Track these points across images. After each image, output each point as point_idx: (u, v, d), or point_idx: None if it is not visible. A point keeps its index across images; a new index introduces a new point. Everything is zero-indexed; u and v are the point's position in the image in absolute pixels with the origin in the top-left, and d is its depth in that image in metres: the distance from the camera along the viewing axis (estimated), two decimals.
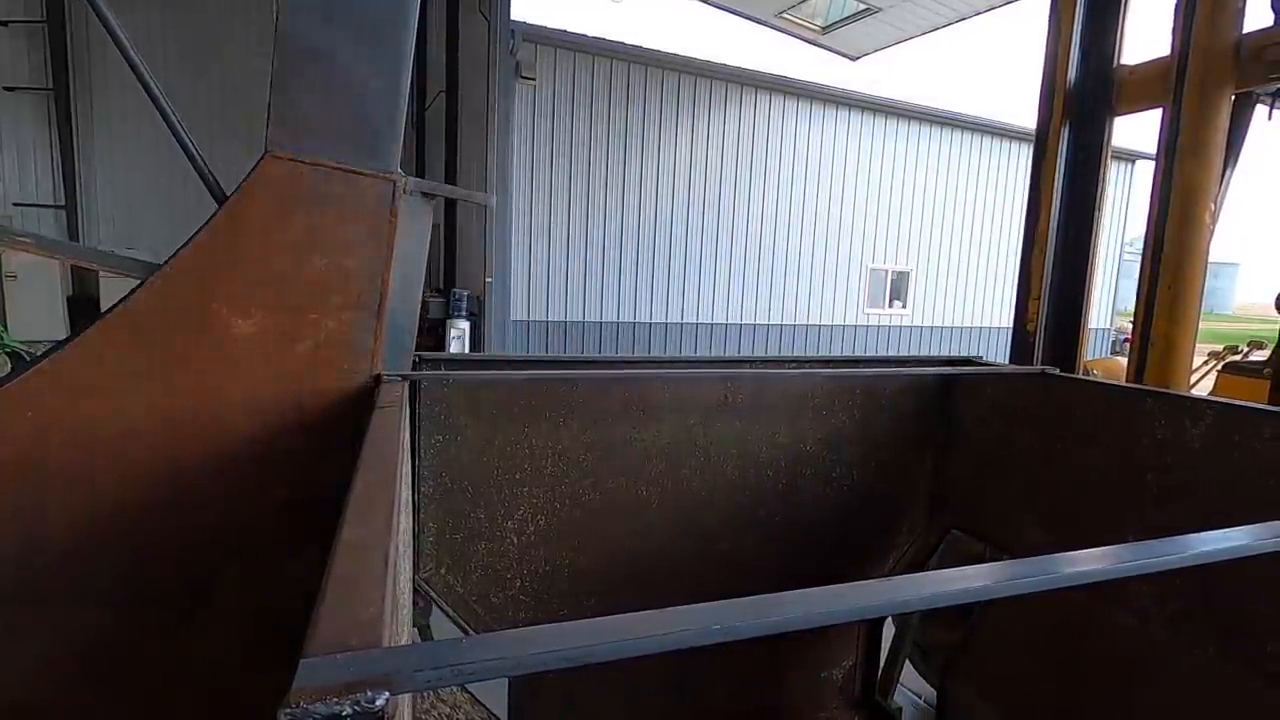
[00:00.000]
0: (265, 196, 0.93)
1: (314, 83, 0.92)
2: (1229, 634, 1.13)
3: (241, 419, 0.94)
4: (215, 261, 0.92)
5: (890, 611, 0.51)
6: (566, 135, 8.36)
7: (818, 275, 10.40)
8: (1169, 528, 1.23)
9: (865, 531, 1.75)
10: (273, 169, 0.92)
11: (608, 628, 0.37)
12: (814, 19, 8.79)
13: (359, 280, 0.97)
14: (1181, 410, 1.24)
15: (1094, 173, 1.78)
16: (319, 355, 0.97)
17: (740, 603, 0.40)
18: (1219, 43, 1.52)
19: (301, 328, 0.95)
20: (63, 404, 0.88)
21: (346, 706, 0.28)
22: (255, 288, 0.93)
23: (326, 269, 0.95)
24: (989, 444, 1.65)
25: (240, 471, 0.95)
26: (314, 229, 0.94)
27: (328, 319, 0.97)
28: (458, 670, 0.34)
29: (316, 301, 0.96)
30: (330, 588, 0.38)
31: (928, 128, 10.61)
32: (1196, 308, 1.65)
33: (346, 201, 0.95)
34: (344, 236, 0.96)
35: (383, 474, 0.60)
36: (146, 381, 0.90)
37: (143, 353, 0.90)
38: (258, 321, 0.93)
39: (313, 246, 0.95)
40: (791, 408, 1.60)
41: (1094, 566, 0.52)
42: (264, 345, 0.94)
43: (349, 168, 0.94)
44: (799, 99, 9.74)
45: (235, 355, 0.92)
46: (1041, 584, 0.49)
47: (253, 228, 0.93)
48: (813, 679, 1.80)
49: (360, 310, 0.98)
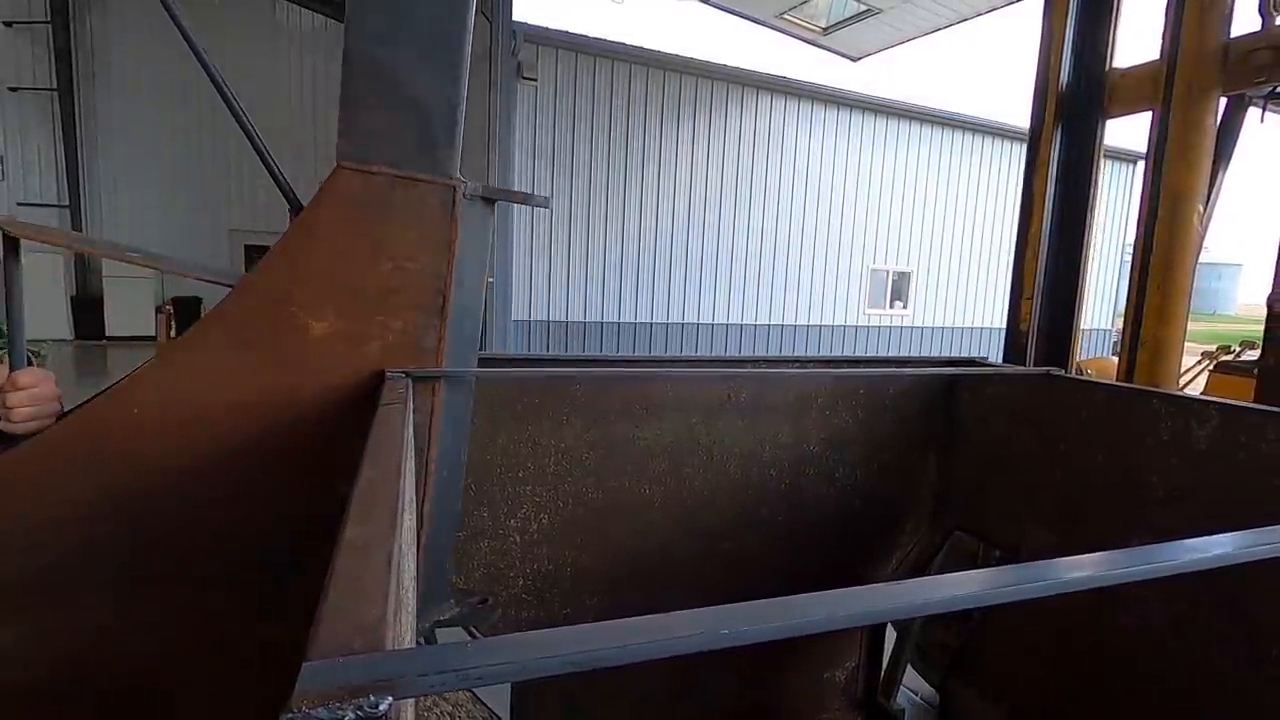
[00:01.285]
0: (336, 206, 0.98)
1: (377, 97, 0.98)
2: (1232, 637, 1.12)
3: (315, 417, 1.00)
4: (292, 268, 0.97)
5: (901, 616, 0.52)
6: (568, 135, 8.37)
7: (819, 276, 10.40)
8: (1173, 529, 1.22)
9: (868, 532, 1.75)
10: (342, 180, 0.98)
11: (613, 631, 0.37)
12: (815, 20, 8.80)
13: (424, 283, 1.02)
14: (1187, 411, 1.23)
15: (1086, 174, 1.78)
16: (387, 355, 1.01)
17: (747, 606, 0.40)
18: (1206, 47, 1.53)
19: (370, 329, 1.01)
20: (163, 400, 0.94)
21: (349, 711, 0.28)
22: (328, 292, 0.98)
23: (393, 273, 1.00)
24: (992, 444, 1.65)
25: (313, 465, 1.00)
26: (381, 235, 1.00)
27: (395, 320, 1.01)
28: (462, 675, 0.33)
29: (384, 304, 1.01)
30: (332, 589, 0.38)
31: (929, 128, 10.61)
32: (1185, 308, 1.66)
33: (410, 208, 1.00)
34: (409, 241, 1.01)
35: (386, 472, 0.60)
36: (236, 380, 0.96)
37: (232, 353, 0.97)
38: (331, 324, 0.98)
39: (380, 252, 1.00)
40: (794, 407, 1.60)
41: (1099, 571, 0.51)
42: (336, 346, 0.99)
43: (412, 175, 0.99)
44: (800, 100, 9.75)
45: (311, 356, 0.98)
46: (1047, 589, 0.49)
47: (325, 236, 0.98)
48: (815, 680, 1.80)
49: (425, 312, 1.03)
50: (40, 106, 10.53)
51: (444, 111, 1.00)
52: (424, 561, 1.12)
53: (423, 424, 1.08)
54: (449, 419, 1.10)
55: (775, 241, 9.95)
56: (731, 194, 9.60)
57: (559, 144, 8.34)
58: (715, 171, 9.48)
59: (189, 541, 0.98)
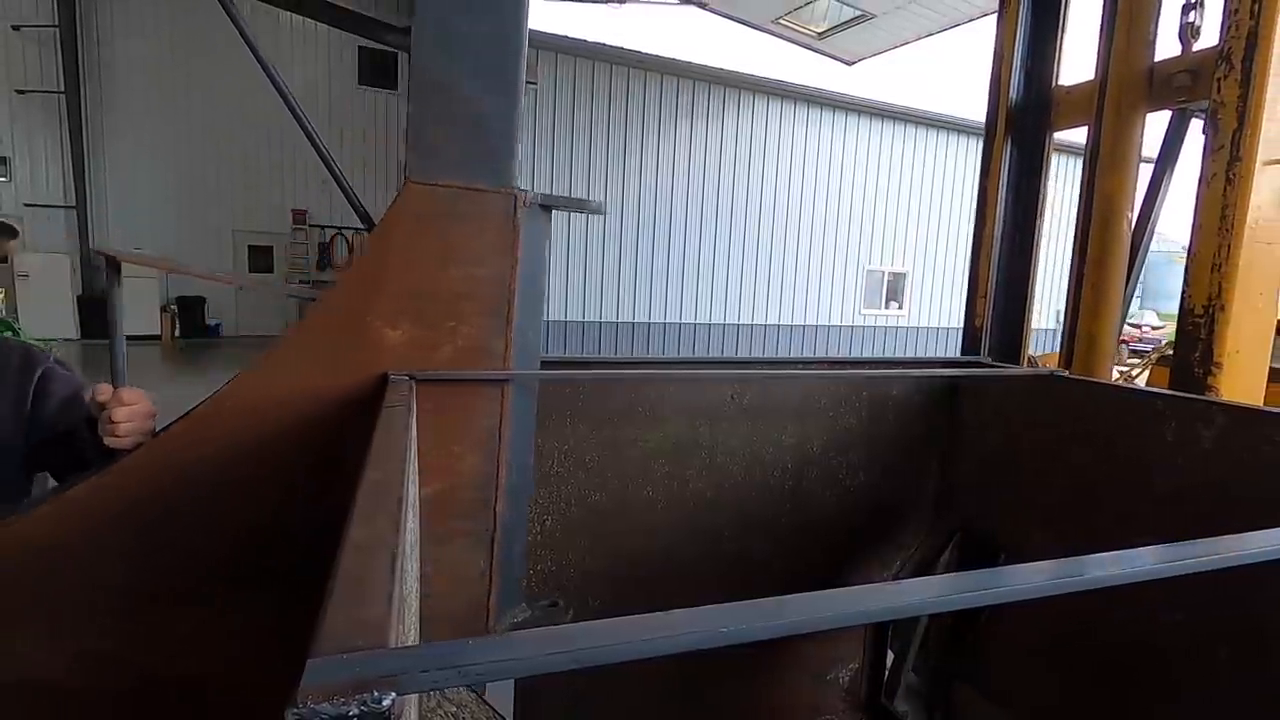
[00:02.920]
0: (406, 219, 1.03)
1: (440, 113, 1.03)
2: (1241, 639, 1.10)
3: None
4: (368, 280, 1.03)
5: (901, 615, 0.50)
6: (567, 137, 8.41)
7: (815, 276, 10.44)
8: (1177, 530, 1.21)
9: (872, 533, 1.74)
10: (411, 194, 1.03)
11: (615, 629, 0.37)
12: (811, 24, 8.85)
13: (489, 289, 1.08)
14: (1192, 412, 1.22)
15: (1035, 182, 1.90)
16: (457, 359, 1.07)
17: (749, 605, 0.40)
18: (1133, 69, 1.65)
19: (441, 335, 1.06)
20: (253, 409, 1.01)
21: (353, 707, 0.28)
22: (401, 301, 1.04)
23: (461, 280, 1.06)
24: (996, 445, 1.64)
25: None
26: (448, 244, 1.06)
27: (464, 325, 1.08)
28: (464, 671, 0.33)
29: (453, 310, 1.07)
30: (337, 588, 0.38)
31: (923, 131, 10.66)
32: (1118, 306, 1.77)
33: (475, 217, 1.06)
34: (474, 249, 1.07)
35: (390, 474, 0.60)
36: (317, 390, 1.02)
37: (317, 364, 1.03)
38: (405, 331, 1.04)
39: (448, 260, 1.06)
40: (797, 409, 1.60)
41: (1103, 572, 0.51)
42: (410, 352, 1.04)
43: (475, 186, 1.06)
44: (797, 103, 9.80)
45: (387, 363, 1.03)
46: (1050, 589, 0.48)
47: (397, 247, 1.04)
48: (818, 681, 1.79)
49: (492, 316, 1.09)
50: (47, 108, 10.58)
51: (503, 124, 1.07)
52: (498, 565, 1.16)
53: (492, 428, 1.12)
54: (517, 422, 1.15)
55: (772, 242, 9.99)
56: (729, 196, 9.65)
57: (558, 146, 8.39)
58: (713, 174, 9.53)
59: (279, 544, 1.02)
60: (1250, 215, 1.36)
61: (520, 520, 1.21)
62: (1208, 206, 1.41)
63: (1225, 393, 1.40)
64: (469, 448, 1.11)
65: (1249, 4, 1.34)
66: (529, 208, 1.10)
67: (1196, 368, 1.43)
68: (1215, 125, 1.40)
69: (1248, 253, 1.37)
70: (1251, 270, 1.38)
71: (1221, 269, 1.39)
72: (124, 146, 11.18)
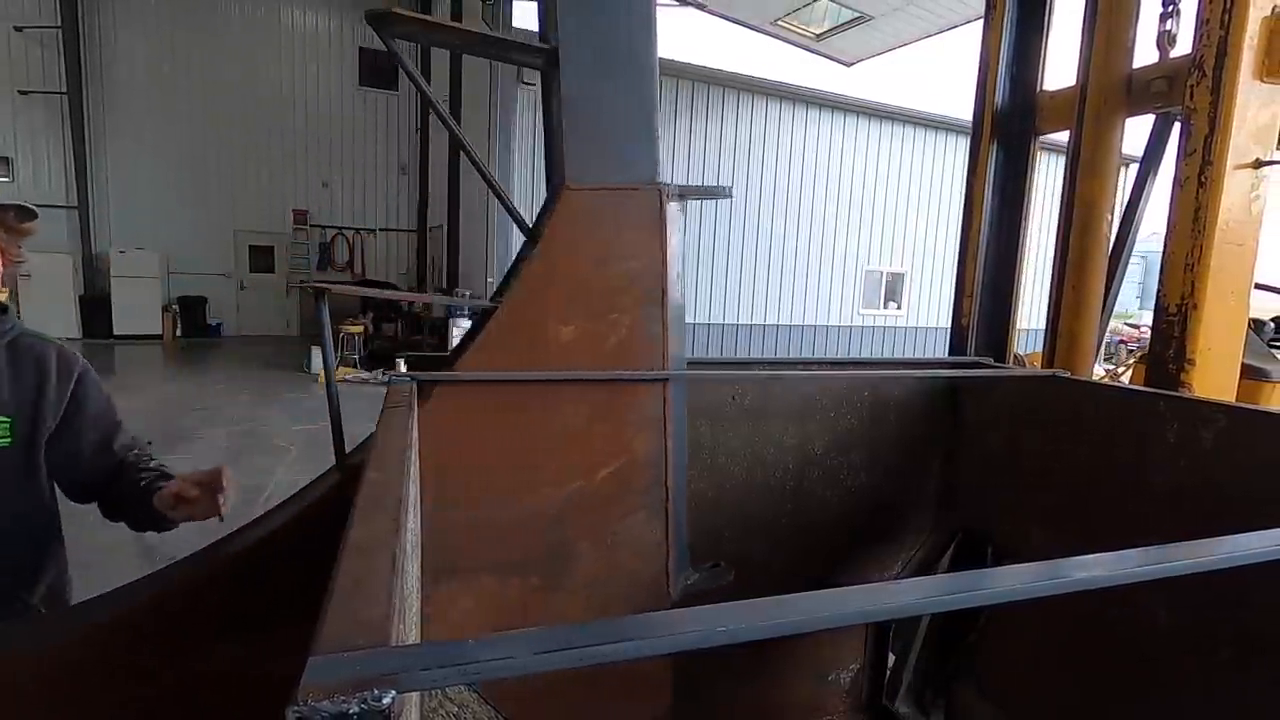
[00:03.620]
0: (568, 222, 1.12)
1: (589, 123, 1.12)
2: (1243, 639, 1.10)
3: (572, 411, 1.16)
4: (540, 283, 1.12)
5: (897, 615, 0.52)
6: None
7: (814, 276, 10.46)
8: (1178, 530, 1.20)
9: (873, 533, 1.75)
10: (571, 199, 1.11)
11: (611, 628, 0.37)
12: (810, 26, 8.88)
13: (644, 279, 1.16)
14: (1193, 413, 1.22)
15: (1021, 185, 1.94)
16: (621, 347, 1.16)
17: (746, 604, 0.40)
18: (1112, 75, 1.70)
19: (606, 326, 1.15)
20: (463, 402, 1.11)
21: (354, 705, 0.29)
22: (571, 299, 1.13)
23: (619, 274, 1.15)
24: (997, 446, 1.64)
25: (576, 452, 1.17)
26: (607, 242, 1.14)
27: (625, 315, 1.16)
28: (464, 670, 0.34)
29: (615, 302, 1.15)
30: (337, 588, 0.39)
31: (922, 131, 10.68)
32: (1098, 306, 1.81)
33: (627, 214, 1.14)
34: (629, 243, 1.15)
35: (390, 474, 0.61)
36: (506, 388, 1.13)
37: (508, 364, 1.12)
38: (577, 327, 1.13)
39: (607, 257, 1.14)
40: (799, 410, 1.60)
41: (1105, 572, 0.51)
42: (582, 345, 1.13)
43: (625, 185, 1.14)
44: (795, 104, 9.82)
45: (563, 357, 1.13)
46: (1051, 589, 0.48)
47: (563, 250, 1.12)
48: (819, 681, 1.79)
49: (649, 304, 1.17)
50: (50, 109, 10.61)
51: (644, 125, 1.17)
52: (672, 536, 1.27)
53: (656, 419, 1.21)
54: (677, 402, 1.24)
55: (771, 243, 10.01)
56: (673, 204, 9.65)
57: None
58: (712, 174, 9.54)
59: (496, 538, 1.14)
60: (1221, 217, 1.39)
61: (682, 499, 1.29)
62: (1181, 208, 1.45)
63: (1198, 389, 1.43)
64: (640, 427, 1.20)
65: (1220, 14, 1.37)
66: (672, 200, 1.18)
67: (1170, 364, 1.46)
68: (1188, 130, 1.44)
69: (1219, 253, 1.40)
70: (1223, 270, 1.41)
71: (1194, 269, 1.42)
72: (126, 147, 11.20)
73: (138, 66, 11.13)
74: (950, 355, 1.98)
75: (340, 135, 12.49)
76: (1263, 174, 1.40)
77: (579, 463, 1.17)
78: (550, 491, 1.17)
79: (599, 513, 1.20)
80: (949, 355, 1.99)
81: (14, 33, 10.38)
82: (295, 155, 12.26)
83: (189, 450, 5.08)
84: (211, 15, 11.44)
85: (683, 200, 1.21)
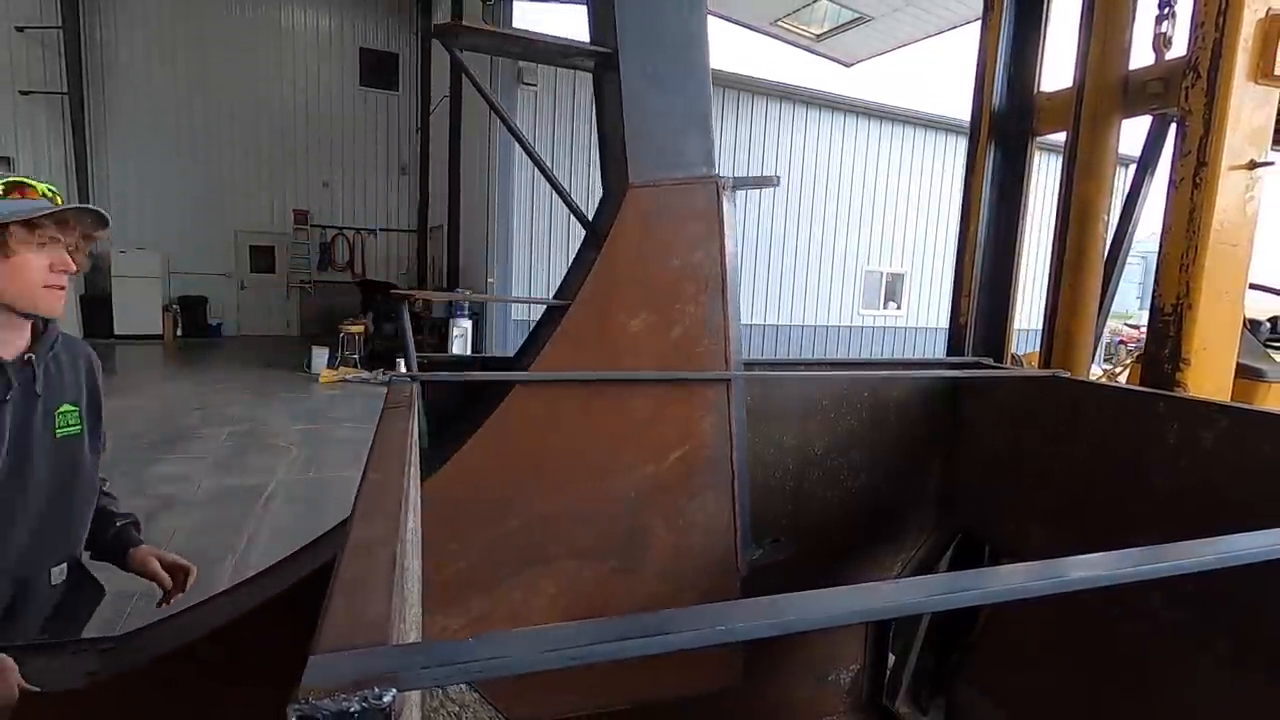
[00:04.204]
0: (634, 219, 1.16)
1: (650, 124, 1.17)
2: (1242, 637, 1.10)
3: (642, 403, 1.21)
4: (609, 279, 1.16)
5: (896, 614, 0.51)
6: (567, 139, 8.43)
7: (814, 277, 10.46)
8: (1179, 531, 1.21)
9: (873, 534, 1.75)
10: (636, 197, 1.15)
11: (610, 628, 0.37)
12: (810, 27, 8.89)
13: (705, 270, 1.20)
14: (1193, 414, 1.22)
15: (1018, 186, 1.95)
16: (685, 335, 1.20)
17: (743, 603, 0.41)
18: (1109, 77, 1.70)
19: (671, 316, 1.20)
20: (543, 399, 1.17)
21: (355, 703, 0.29)
22: (638, 292, 1.17)
23: (682, 266, 1.19)
24: (998, 446, 1.64)
25: (648, 438, 1.22)
26: (669, 236, 1.18)
27: (688, 305, 1.20)
28: (464, 668, 0.34)
29: (679, 293, 1.19)
30: (338, 587, 0.39)
31: (921, 131, 10.68)
32: (1095, 306, 1.82)
33: (686, 207, 1.21)
34: (689, 236, 1.19)
35: (391, 473, 0.61)
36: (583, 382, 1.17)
37: (581, 357, 1.16)
38: (643, 319, 1.18)
39: (670, 250, 1.18)
40: (799, 410, 1.60)
41: (1105, 572, 0.51)
42: (649, 336, 1.18)
43: (685, 179, 1.20)
44: (795, 104, 9.82)
45: (632, 348, 1.18)
46: (1051, 589, 0.49)
47: (629, 246, 1.16)
48: (819, 681, 1.79)
49: (711, 294, 1.21)
50: (51, 109, 10.62)
51: (700, 121, 1.20)
52: (739, 514, 1.33)
53: (719, 403, 1.25)
54: (738, 398, 1.30)
55: (771, 243, 10.01)
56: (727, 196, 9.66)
57: (558, 147, 8.41)
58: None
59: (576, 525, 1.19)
60: (1216, 218, 1.40)
61: (745, 471, 1.34)
62: (1176, 209, 1.45)
63: (1193, 388, 1.44)
64: (706, 411, 1.24)
65: (1215, 16, 1.38)
66: (727, 191, 1.22)
67: (1166, 364, 1.47)
68: (1184, 132, 1.44)
69: (1214, 254, 1.41)
70: (1217, 270, 1.42)
71: (1189, 269, 1.43)
72: (126, 146, 11.21)
73: (139, 67, 11.13)
74: (948, 355, 1.99)
75: (341, 135, 12.50)
76: (1257, 175, 1.41)
77: (650, 449, 1.22)
78: (623, 478, 1.22)
79: (669, 495, 1.25)
80: (947, 355, 1.99)
81: (15, 33, 10.38)
82: (296, 155, 12.27)
83: (190, 450, 5.09)
84: (212, 15, 11.45)
85: (735, 191, 1.25)
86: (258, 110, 11.78)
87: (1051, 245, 1.84)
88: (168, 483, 4.32)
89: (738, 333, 1.27)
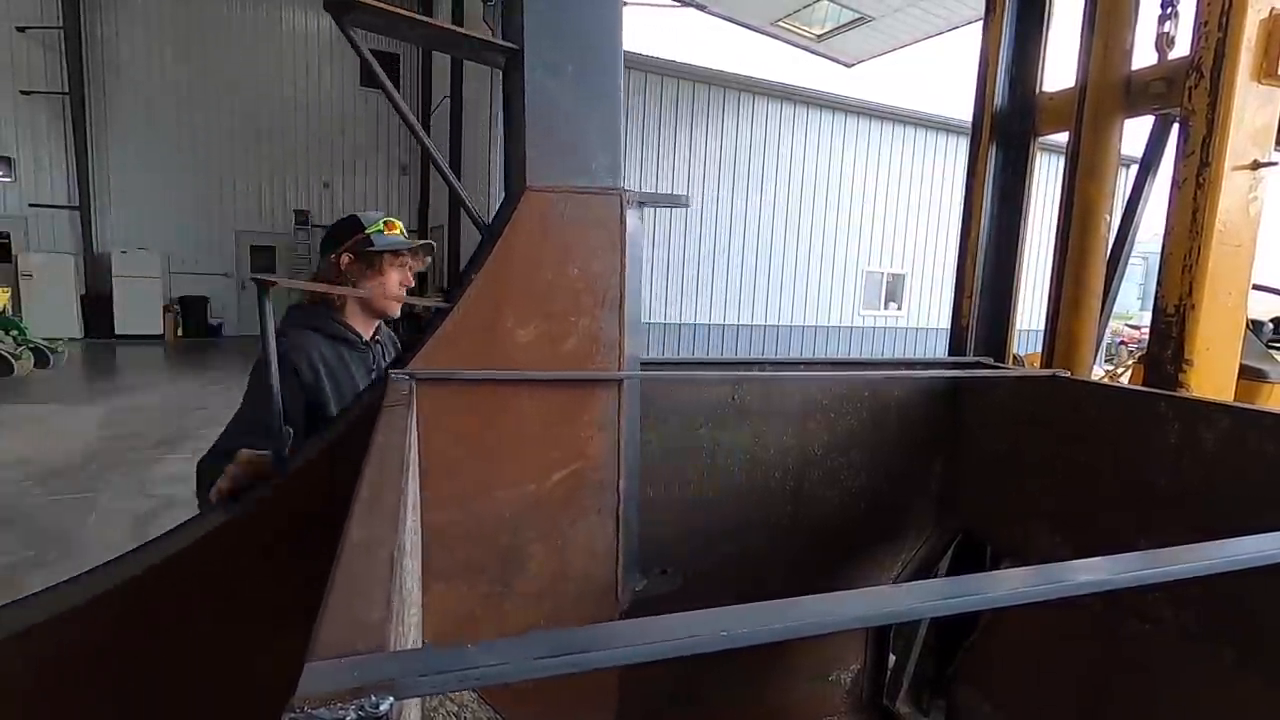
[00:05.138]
0: (529, 223, 1.12)
1: (552, 125, 1.12)
2: (1248, 641, 1.10)
3: (530, 410, 1.15)
4: (498, 283, 1.11)
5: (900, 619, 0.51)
6: None
7: (814, 277, 10.46)
8: (1181, 532, 1.21)
9: (874, 534, 1.74)
10: (532, 201, 1.11)
11: (611, 633, 0.37)
12: (810, 27, 8.89)
13: (603, 282, 1.16)
14: (1195, 414, 1.21)
15: (1020, 186, 1.94)
16: (579, 349, 1.16)
17: (746, 608, 0.40)
18: (1111, 77, 1.69)
19: (565, 328, 1.15)
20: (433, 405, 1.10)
21: (351, 712, 0.28)
22: (529, 300, 1.12)
23: (579, 276, 1.15)
24: (998, 446, 1.64)
25: (533, 452, 1.18)
26: (567, 244, 1.14)
27: (583, 318, 1.16)
28: (463, 675, 0.33)
29: (574, 305, 1.15)
30: (335, 590, 0.38)
31: (922, 132, 10.67)
32: (1097, 306, 1.81)
33: (587, 217, 1.15)
34: (589, 246, 1.15)
35: (389, 473, 0.60)
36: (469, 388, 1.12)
37: (461, 365, 1.11)
38: (534, 327, 1.13)
39: (567, 259, 1.14)
40: (799, 410, 1.59)
41: (1106, 575, 0.50)
42: (540, 347, 1.13)
43: (586, 189, 1.14)
44: (796, 104, 9.82)
45: (520, 359, 1.12)
46: (1052, 592, 0.48)
47: (522, 251, 1.11)
48: (820, 682, 1.79)
49: (607, 308, 1.17)
50: (51, 109, 10.63)
51: (607, 129, 1.14)
52: (623, 541, 1.25)
53: (611, 422, 1.20)
54: (629, 415, 1.23)
55: (771, 243, 10.01)
56: (728, 197, 9.67)
57: None
58: (712, 174, 9.54)
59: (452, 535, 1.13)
60: (1219, 218, 1.39)
61: (634, 505, 1.28)
62: (1179, 209, 1.44)
63: (1196, 389, 1.43)
64: (597, 428, 1.19)
65: (1218, 16, 1.37)
66: (631, 206, 1.17)
67: (1169, 365, 1.46)
68: (1186, 132, 1.43)
69: (1217, 254, 1.40)
70: (1220, 271, 1.41)
71: (1192, 270, 1.42)
72: (127, 147, 11.22)
73: (139, 67, 11.14)
74: (950, 355, 1.98)
75: (341, 135, 12.51)
76: (1260, 175, 1.40)
77: (534, 466, 1.16)
78: (505, 494, 1.15)
79: (551, 517, 1.19)
80: (949, 355, 1.99)
81: (16, 33, 10.40)
82: (296, 155, 12.28)
83: (190, 450, 5.09)
84: (213, 16, 11.46)
85: (642, 207, 1.20)
86: (258, 110, 11.80)
87: (1053, 245, 1.84)
88: (169, 483, 4.32)
89: (637, 353, 1.22)
